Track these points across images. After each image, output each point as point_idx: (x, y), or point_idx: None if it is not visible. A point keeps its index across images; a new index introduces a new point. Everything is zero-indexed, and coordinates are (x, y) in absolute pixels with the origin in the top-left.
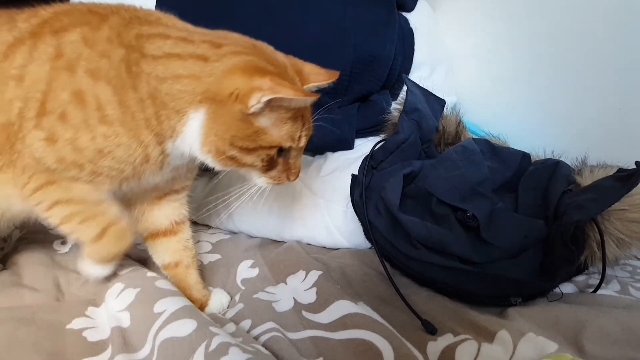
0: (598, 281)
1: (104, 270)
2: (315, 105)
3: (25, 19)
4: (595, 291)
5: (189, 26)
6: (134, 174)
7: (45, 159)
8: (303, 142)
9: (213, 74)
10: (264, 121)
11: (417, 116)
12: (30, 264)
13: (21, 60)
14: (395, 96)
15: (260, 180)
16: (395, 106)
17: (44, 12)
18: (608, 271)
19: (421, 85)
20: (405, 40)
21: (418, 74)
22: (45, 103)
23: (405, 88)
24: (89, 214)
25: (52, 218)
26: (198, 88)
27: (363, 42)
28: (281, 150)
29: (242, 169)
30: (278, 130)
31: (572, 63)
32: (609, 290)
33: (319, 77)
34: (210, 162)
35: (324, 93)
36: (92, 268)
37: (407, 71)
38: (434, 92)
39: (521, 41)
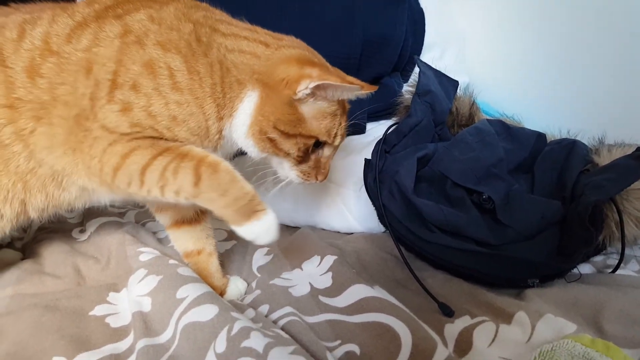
0: (617, 261)
1: (254, 229)
2: None
3: (87, 5)
4: (614, 271)
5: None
6: (201, 146)
7: (120, 127)
8: (337, 142)
9: (271, 59)
10: (307, 110)
11: (430, 98)
12: (51, 252)
13: (87, 42)
14: (406, 78)
15: (292, 174)
16: (407, 88)
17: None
18: (627, 251)
19: (433, 66)
20: (416, 21)
21: (429, 55)
22: (117, 79)
23: (417, 70)
24: (177, 161)
25: (152, 189)
26: (257, 66)
27: (373, 22)
28: (316, 145)
29: (277, 158)
30: (318, 122)
31: (587, 39)
32: (628, 270)
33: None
34: (251, 146)
35: None
36: (243, 231)
37: (418, 52)
38: (446, 73)
39: (533, 18)
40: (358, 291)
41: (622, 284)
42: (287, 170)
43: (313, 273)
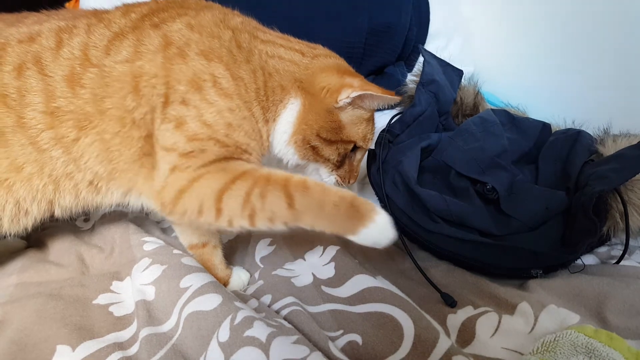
0: (621, 252)
1: (370, 232)
2: None
3: (122, 14)
4: (618, 262)
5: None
6: (261, 156)
7: (178, 143)
8: (368, 145)
9: (310, 68)
10: (345, 117)
11: (434, 88)
12: (55, 241)
13: (126, 54)
14: (411, 68)
15: (330, 179)
16: (412, 78)
17: (140, 8)
18: (631, 242)
19: (438, 55)
20: (421, 9)
21: (434, 44)
22: (168, 98)
23: (421, 59)
24: (259, 184)
25: (235, 218)
26: (297, 74)
27: (377, 11)
28: (353, 149)
29: (315, 164)
30: (356, 128)
31: (592, 29)
32: (632, 261)
33: None
34: (292, 154)
35: None
36: (361, 239)
37: (423, 41)
38: (450, 63)
39: (539, 8)
40: (361, 281)
41: (626, 275)
42: (325, 176)
43: (316, 263)
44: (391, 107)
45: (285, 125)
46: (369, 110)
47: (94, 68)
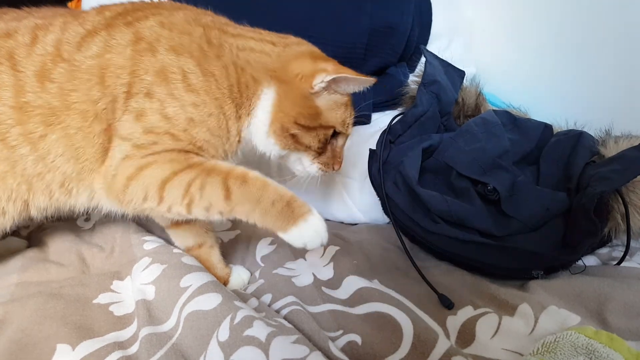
0: (622, 253)
1: (302, 232)
2: None
3: (97, 13)
4: (619, 263)
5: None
6: (223, 153)
7: (134, 133)
8: (349, 130)
9: (282, 56)
10: (322, 102)
11: (436, 88)
12: (55, 241)
13: (97, 49)
14: (412, 68)
15: (312, 167)
16: (413, 78)
17: (115, 7)
18: (632, 243)
19: (439, 56)
20: (423, 10)
21: (436, 45)
22: (131, 90)
23: (423, 59)
24: (202, 176)
25: (174, 206)
26: (269, 64)
27: (379, 11)
28: (333, 135)
29: (296, 154)
30: (334, 113)
31: (595, 31)
32: (633, 263)
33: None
34: (272, 144)
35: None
36: (291, 237)
37: (425, 42)
38: (452, 63)
39: (541, 9)
40: (354, 282)
41: (627, 276)
42: (307, 165)
43: (316, 263)
44: (393, 108)
45: (262, 116)
46: (346, 95)
47: (64, 63)
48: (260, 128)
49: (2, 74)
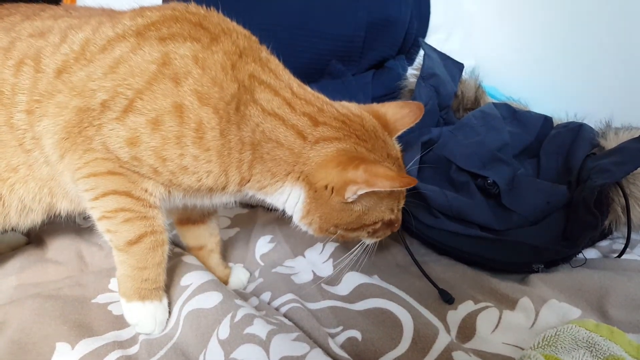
0: (623, 246)
1: (141, 313)
2: (330, 75)
3: (131, 17)
4: (619, 256)
5: (292, 80)
6: (209, 196)
7: (120, 154)
8: (399, 213)
9: (309, 161)
10: (361, 207)
11: (435, 81)
12: (55, 238)
13: (120, 53)
14: (411, 61)
15: (368, 240)
16: (412, 72)
17: (150, 13)
18: (633, 236)
19: (438, 49)
20: (421, 2)
21: (435, 38)
22: (135, 101)
23: (422, 52)
24: (138, 214)
25: (97, 209)
26: (297, 167)
27: (377, 3)
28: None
29: None
30: (378, 209)
31: (594, 23)
32: (633, 255)
33: (405, 120)
34: (307, 228)
35: (336, 60)
36: (129, 309)
37: (423, 35)
38: (451, 56)
39: (540, 1)
40: (354, 278)
41: (627, 269)
42: (363, 238)
43: (316, 261)
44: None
45: (290, 205)
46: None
47: (85, 62)
48: (289, 209)
49: (24, 75)
